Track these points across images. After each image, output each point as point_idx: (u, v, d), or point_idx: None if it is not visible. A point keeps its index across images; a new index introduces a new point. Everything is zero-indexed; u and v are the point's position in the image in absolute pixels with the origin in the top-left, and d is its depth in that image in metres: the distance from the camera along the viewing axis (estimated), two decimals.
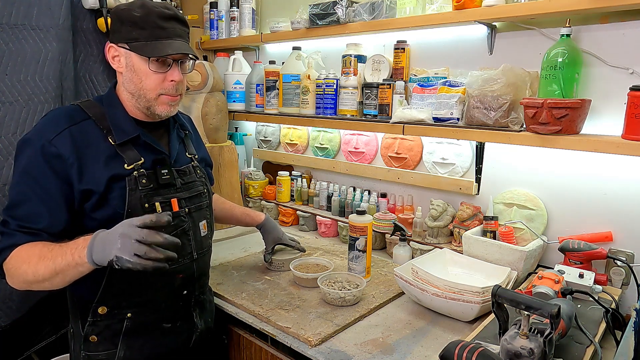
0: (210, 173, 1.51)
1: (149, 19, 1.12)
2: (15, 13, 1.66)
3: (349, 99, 1.90)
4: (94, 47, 1.92)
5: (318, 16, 1.88)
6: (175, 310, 1.26)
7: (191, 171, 1.30)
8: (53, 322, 1.87)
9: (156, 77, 1.15)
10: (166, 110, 1.20)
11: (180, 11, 2.43)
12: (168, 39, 1.13)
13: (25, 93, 1.70)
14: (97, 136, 1.14)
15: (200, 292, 1.33)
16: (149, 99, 1.17)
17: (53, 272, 1.01)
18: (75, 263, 1.00)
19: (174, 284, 1.23)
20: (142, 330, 1.21)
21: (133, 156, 1.16)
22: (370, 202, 1.97)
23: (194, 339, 1.31)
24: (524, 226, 1.53)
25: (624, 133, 1.24)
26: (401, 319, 1.35)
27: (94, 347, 1.18)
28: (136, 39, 1.12)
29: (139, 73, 1.14)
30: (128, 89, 1.18)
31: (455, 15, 1.52)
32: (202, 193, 1.31)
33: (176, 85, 1.18)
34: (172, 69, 1.16)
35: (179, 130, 1.34)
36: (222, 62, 2.46)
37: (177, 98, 1.21)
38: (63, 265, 1.00)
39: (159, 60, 1.14)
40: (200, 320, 1.33)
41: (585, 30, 1.41)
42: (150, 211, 1.14)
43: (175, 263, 1.20)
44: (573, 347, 1.09)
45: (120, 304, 1.17)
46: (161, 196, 1.18)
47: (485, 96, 1.45)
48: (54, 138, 1.09)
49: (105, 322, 1.17)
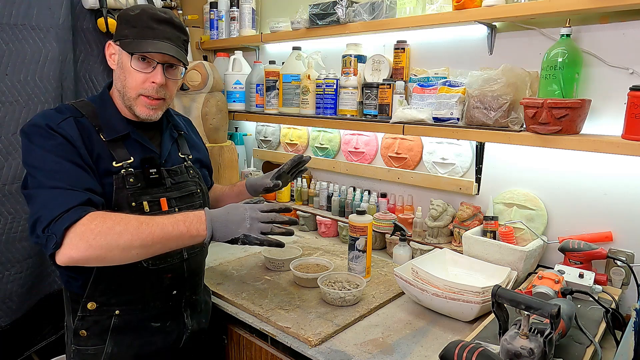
0: (206, 174, 1.49)
1: (141, 18, 1.14)
2: (15, 13, 1.66)
3: (349, 99, 1.90)
4: (94, 47, 1.92)
5: (318, 16, 1.88)
6: (164, 309, 1.25)
7: (183, 171, 1.30)
8: (53, 322, 1.87)
9: (138, 76, 1.16)
10: (145, 113, 1.19)
11: (179, 11, 2.46)
12: (154, 39, 1.14)
13: (25, 93, 1.70)
14: (91, 131, 1.16)
15: (192, 293, 1.32)
16: (129, 97, 1.18)
17: (158, 239, 1.00)
18: (190, 235, 1.03)
19: (162, 283, 1.23)
20: (130, 327, 1.21)
21: (122, 154, 1.17)
22: (370, 202, 1.97)
23: (184, 339, 1.31)
24: (524, 226, 1.53)
25: (624, 133, 1.24)
26: (401, 319, 1.35)
27: (84, 341, 1.19)
28: (126, 36, 1.15)
29: (125, 70, 1.17)
30: (116, 86, 1.21)
31: (455, 15, 1.52)
32: (195, 193, 1.31)
33: (157, 87, 1.17)
34: (156, 71, 1.16)
35: (172, 131, 1.34)
36: (222, 62, 2.46)
37: (158, 102, 1.19)
38: (175, 234, 1.01)
39: (143, 60, 1.15)
40: (192, 320, 1.32)
41: (585, 30, 1.41)
42: (136, 210, 1.15)
43: (163, 263, 1.22)
44: (573, 347, 1.09)
45: (109, 301, 1.18)
46: (149, 195, 1.19)
47: (485, 96, 1.45)
48: (61, 122, 1.10)
49: (94, 317, 1.18)
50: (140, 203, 1.16)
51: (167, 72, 1.18)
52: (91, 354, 1.19)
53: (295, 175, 1.54)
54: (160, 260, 1.21)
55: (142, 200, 1.17)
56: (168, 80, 1.19)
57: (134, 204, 1.15)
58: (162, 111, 1.24)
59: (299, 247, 1.82)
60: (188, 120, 1.53)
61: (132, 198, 1.15)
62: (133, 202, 1.15)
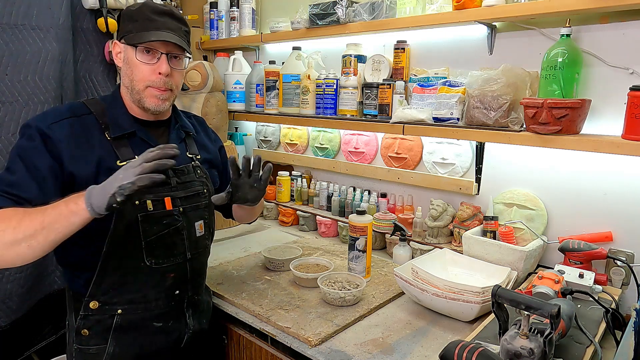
0: (215, 175, 1.46)
1: (142, 11, 1.17)
2: (15, 13, 1.66)
3: (349, 99, 1.90)
4: (94, 47, 1.92)
5: (318, 16, 1.88)
6: (167, 309, 1.25)
7: (190, 171, 1.30)
8: (53, 322, 1.87)
9: (144, 68, 1.17)
10: (154, 104, 1.20)
11: (180, 11, 2.46)
12: (156, 30, 1.16)
13: (25, 93, 1.70)
14: (96, 130, 1.18)
15: (195, 293, 1.32)
16: (137, 90, 1.19)
17: (39, 225, 0.96)
18: (68, 211, 0.96)
19: (165, 283, 1.23)
20: (132, 327, 1.21)
21: (126, 153, 1.17)
22: (370, 202, 1.97)
23: (186, 339, 1.31)
24: (524, 226, 1.53)
25: (624, 133, 1.24)
26: (401, 319, 1.35)
27: (86, 340, 1.19)
28: (129, 31, 1.17)
29: (130, 64, 1.18)
30: (124, 83, 1.23)
31: (455, 15, 1.52)
32: (201, 193, 1.31)
33: (164, 78, 1.19)
34: (161, 61, 1.18)
35: (180, 131, 1.34)
36: (222, 62, 2.46)
37: (166, 92, 1.21)
38: (53, 216, 0.97)
39: (148, 52, 1.17)
40: (194, 320, 1.32)
41: (585, 30, 1.41)
42: (140, 208, 1.16)
43: (166, 262, 1.22)
44: (573, 347, 1.09)
45: (111, 300, 1.18)
46: (153, 194, 1.19)
47: (485, 96, 1.45)
48: (53, 124, 1.13)
49: (96, 316, 1.18)
50: (143, 202, 1.17)
51: (171, 62, 1.20)
52: (93, 353, 1.19)
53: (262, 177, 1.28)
54: (163, 260, 1.21)
55: (145, 199, 1.17)
56: (173, 71, 1.21)
57: (138, 202, 1.16)
58: (170, 102, 1.25)
59: (299, 247, 1.83)
60: (202, 120, 1.53)
61: (136, 196, 1.14)
62: (136, 201, 1.15)
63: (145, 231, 1.17)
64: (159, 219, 1.19)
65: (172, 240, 1.22)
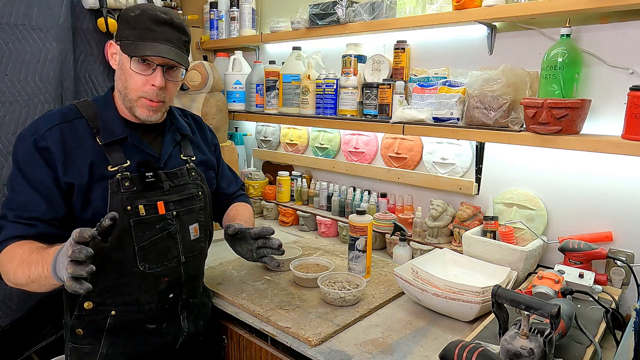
0: (212, 177, 1.45)
1: (140, 19, 1.13)
2: (15, 13, 1.66)
3: (349, 99, 1.90)
4: (94, 47, 1.92)
5: (318, 16, 1.88)
6: (160, 312, 1.25)
7: (184, 174, 1.29)
8: (53, 322, 1.87)
9: (138, 78, 1.15)
10: (146, 115, 1.19)
11: (179, 11, 2.46)
12: (154, 42, 1.12)
13: (25, 93, 1.70)
14: (86, 135, 1.17)
15: (190, 296, 1.32)
16: (130, 99, 1.18)
17: (28, 279, 1.01)
18: (44, 276, 0.97)
19: (159, 286, 1.22)
20: (125, 329, 1.21)
21: (118, 158, 1.17)
22: (370, 202, 1.97)
23: (180, 341, 1.30)
24: (524, 226, 1.53)
25: (624, 133, 1.24)
26: (401, 319, 1.35)
27: (80, 340, 1.20)
28: (126, 37, 1.14)
29: (125, 72, 1.16)
30: (117, 87, 1.21)
31: (455, 15, 1.52)
32: (195, 196, 1.30)
33: (157, 90, 1.16)
34: (155, 73, 1.15)
35: (175, 134, 1.33)
36: (222, 62, 2.46)
37: (158, 104, 1.19)
38: (36, 275, 0.99)
39: (143, 62, 1.14)
40: (188, 323, 1.32)
41: (585, 30, 1.41)
42: (132, 214, 1.15)
43: (160, 267, 1.21)
44: (573, 347, 1.09)
45: (105, 301, 1.18)
46: (145, 199, 1.18)
47: (485, 96, 1.45)
48: (45, 132, 1.12)
49: (90, 317, 1.19)
50: (135, 207, 1.16)
51: (167, 73, 1.17)
52: (87, 352, 1.20)
53: (260, 247, 1.26)
54: (157, 265, 1.20)
55: (137, 204, 1.16)
56: (168, 82, 1.18)
57: (129, 207, 1.15)
58: (161, 113, 1.24)
59: (299, 247, 1.83)
60: (199, 119, 1.51)
61: (127, 202, 1.15)
62: (128, 206, 1.15)
63: (138, 236, 1.16)
64: (151, 224, 1.19)
65: (165, 244, 1.21)
